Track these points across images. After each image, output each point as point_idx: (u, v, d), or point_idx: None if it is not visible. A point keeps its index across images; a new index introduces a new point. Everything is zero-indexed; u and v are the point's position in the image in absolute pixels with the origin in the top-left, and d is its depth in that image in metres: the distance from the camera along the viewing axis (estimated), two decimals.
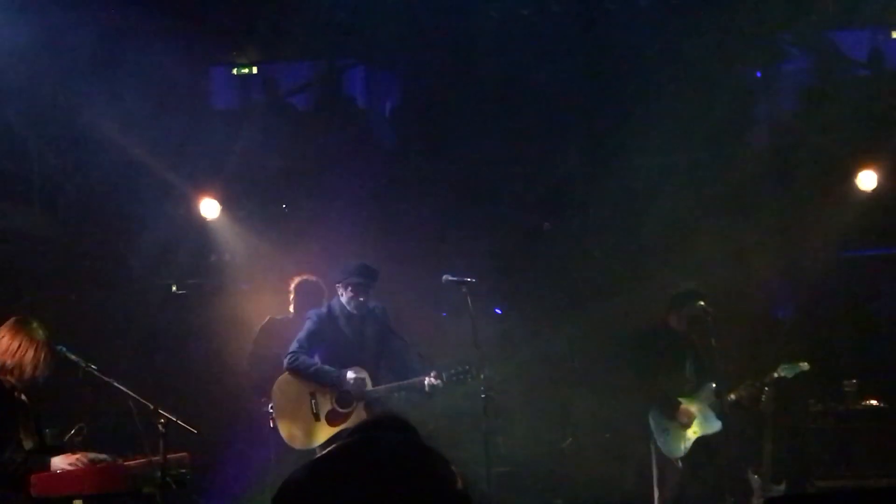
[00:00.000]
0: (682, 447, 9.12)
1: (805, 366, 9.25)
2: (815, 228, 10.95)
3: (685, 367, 9.28)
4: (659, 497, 9.16)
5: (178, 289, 11.20)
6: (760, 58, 12.18)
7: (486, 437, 8.14)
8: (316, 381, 8.48)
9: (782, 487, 9.22)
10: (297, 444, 8.47)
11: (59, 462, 6.43)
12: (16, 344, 6.55)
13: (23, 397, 6.66)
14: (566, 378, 10.86)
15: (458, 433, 9.19)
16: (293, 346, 8.54)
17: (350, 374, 8.43)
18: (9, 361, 6.52)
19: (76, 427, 7.13)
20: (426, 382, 8.37)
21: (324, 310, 8.67)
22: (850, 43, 12.42)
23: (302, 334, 8.58)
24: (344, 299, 8.61)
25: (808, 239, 10.91)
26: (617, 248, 11.30)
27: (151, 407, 6.68)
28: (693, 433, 9.11)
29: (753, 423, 9.28)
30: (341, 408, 8.52)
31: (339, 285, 8.64)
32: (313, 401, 8.52)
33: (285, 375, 8.57)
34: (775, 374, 9.19)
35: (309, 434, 8.47)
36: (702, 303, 9.03)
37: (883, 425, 9.88)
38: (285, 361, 8.55)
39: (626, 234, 11.36)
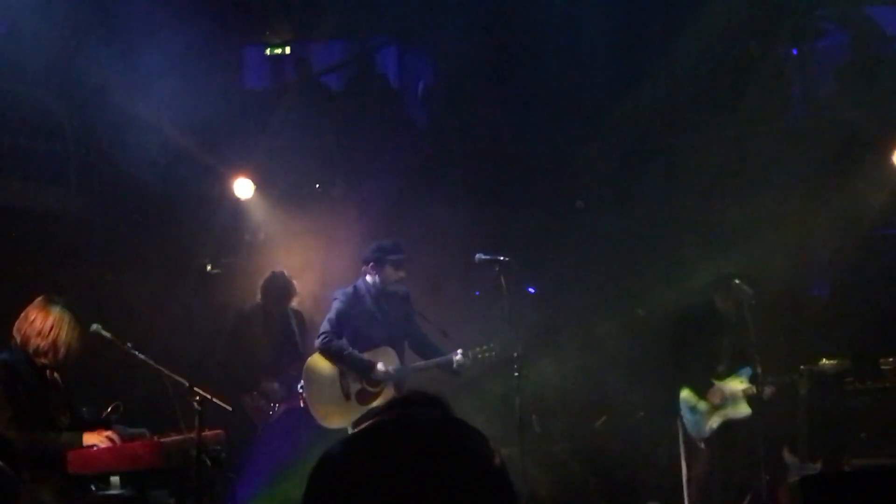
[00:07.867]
0: (708, 428, 9.05)
1: (847, 362, 9.21)
2: (852, 206, 10.84)
3: (722, 348, 9.19)
4: (687, 476, 9.13)
5: (212, 268, 11.24)
6: (796, 34, 12.06)
7: (519, 416, 8.14)
8: (346, 366, 8.51)
9: (818, 466, 9.16)
10: (329, 423, 8.51)
11: (90, 439, 6.49)
12: (48, 325, 6.53)
13: (55, 375, 6.70)
14: (601, 357, 10.82)
15: (492, 412, 9.18)
16: (324, 326, 8.57)
17: (380, 367, 8.44)
18: (42, 344, 6.52)
19: (112, 405, 7.17)
20: (454, 360, 8.39)
21: (350, 289, 8.67)
22: (888, 19, 12.27)
23: (332, 314, 8.60)
24: (379, 278, 8.59)
25: (845, 216, 10.80)
26: (651, 225, 11.24)
27: (187, 384, 6.71)
28: (722, 416, 9.04)
29: (789, 401, 9.21)
30: (371, 387, 8.56)
31: (373, 264, 8.61)
32: (343, 380, 8.55)
33: (316, 355, 8.61)
34: (814, 367, 9.11)
35: (340, 413, 8.50)
36: (748, 287, 8.92)
37: None
38: (318, 342, 8.58)
39: (660, 212, 11.30)
